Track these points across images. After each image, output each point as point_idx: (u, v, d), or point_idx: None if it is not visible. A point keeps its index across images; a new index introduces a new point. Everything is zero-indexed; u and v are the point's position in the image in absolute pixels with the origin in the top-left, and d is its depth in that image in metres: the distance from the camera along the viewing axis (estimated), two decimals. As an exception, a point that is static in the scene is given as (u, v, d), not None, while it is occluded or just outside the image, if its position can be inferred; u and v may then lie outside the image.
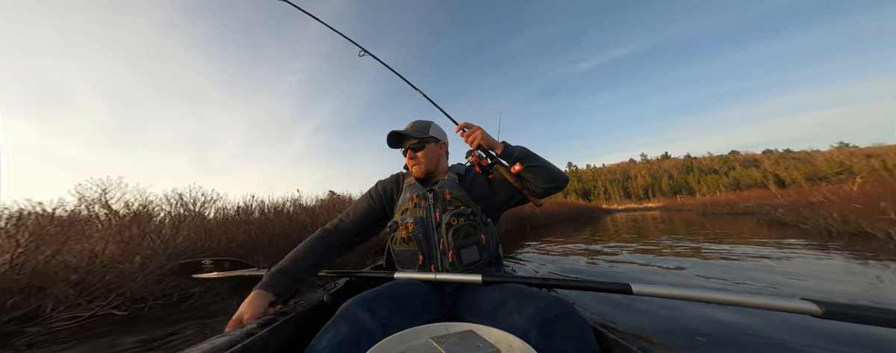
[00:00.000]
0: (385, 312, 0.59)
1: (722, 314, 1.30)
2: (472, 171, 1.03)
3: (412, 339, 0.45)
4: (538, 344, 0.47)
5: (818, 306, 0.49)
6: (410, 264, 0.85)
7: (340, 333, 0.54)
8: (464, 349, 0.38)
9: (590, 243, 4.25)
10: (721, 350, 1.04)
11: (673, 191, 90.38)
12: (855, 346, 1.02)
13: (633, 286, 0.60)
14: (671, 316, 1.33)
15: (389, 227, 0.92)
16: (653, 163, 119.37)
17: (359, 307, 0.58)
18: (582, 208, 16.22)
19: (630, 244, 3.98)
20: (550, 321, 0.52)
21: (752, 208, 8.68)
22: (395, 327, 0.52)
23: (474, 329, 0.45)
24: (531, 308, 0.55)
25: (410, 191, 0.94)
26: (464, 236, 0.81)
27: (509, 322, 0.55)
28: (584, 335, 0.52)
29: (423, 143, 0.97)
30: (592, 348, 0.52)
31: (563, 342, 0.50)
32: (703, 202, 14.93)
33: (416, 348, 0.44)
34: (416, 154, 0.97)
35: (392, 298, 0.64)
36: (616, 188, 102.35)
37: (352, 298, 0.62)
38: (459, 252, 0.80)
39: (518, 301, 0.59)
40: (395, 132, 0.97)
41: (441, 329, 0.46)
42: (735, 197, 14.17)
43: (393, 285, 0.71)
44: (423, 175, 0.98)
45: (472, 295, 0.73)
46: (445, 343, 0.40)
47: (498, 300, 0.63)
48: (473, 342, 0.41)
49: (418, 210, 0.87)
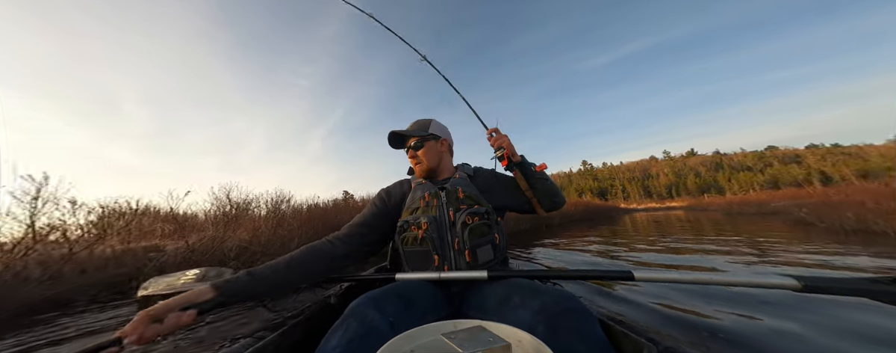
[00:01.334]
0: (393, 310, 0.59)
1: (722, 306, 1.32)
2: (481, 171, 1.03)
3: (422, 337, 0.45)
4: (546, 338, 0.46)
5: (797, 280, 0.52)
6: (424, 265, 0.82)
7: (350, 331, 0.54)
8: (475, 345, 0.39)
9: (608, 244, 4.17)
10: (722, 344, 1.04)
11: (700, 190, 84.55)
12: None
13: (635, 273, 0.61)
14: (673, 311, 1.34)
15: (399, 227, 0.88)
16: (677, 160, 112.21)
17: (367, 306, 0.58)
18: (598, 208, 15.73)
19: (647, 242, 3.97)
20: (557, 315, 0.52)
21: (781, 208, 8.25)
22: (404, 325, 0.52)
23: (483, 325, 0.45)
24: (537, 303, 0.55)
25: (421, 190, 0.91)
26: (479, 235, 0.80)
27: (516, 317, 0.55)
28: (591, 328, 0.52)
29: (423, 140, 0.96)
30: (600, 340, 0.51)
31: (571, 336, 0.49)
32: (730, 202, 14.07)
33: (426, 345, 0.44)
34: (417, 152, 0.96)
35: (399, 296, 0.64)
36: (635, 187, 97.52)
37: (359, 297, 0.62)
38: (476, 251, 0.79)
39: (523, 296, 0.58)
40: (394, 132, 0.96)
41: (450, 326, 0.46)
42: (766, 196, 13.50)
43: (399, 284, 0.71)
44: (425, 173, 0.96)
45: (479, 292, 0.72)
46: (456, 339, 0.40)
47: (504, 295, 0.63)
48: (484, 338, 0.41)
49: (431, 209, 0.84)
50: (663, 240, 4.11)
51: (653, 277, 0.63)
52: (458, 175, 0.96)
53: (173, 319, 0.56)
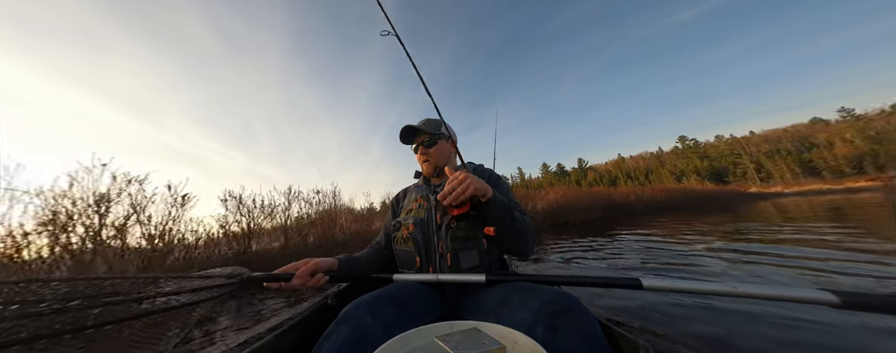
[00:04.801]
0: (387, 313, 0.59)
1: (727, 311, 1.24)
2: (483, 172, 1.00)
3: (417, 339, 0.45)
4: (545, 338, 0.47)
5: (836, 295, 0.47)
6: (408, 265, 0.85)
7: (343, 336, 0.54)
8: (469, 347, 0.38)
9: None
10: (723, 343, 1.02)
11: None
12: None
13: (643, 281, 0.58)
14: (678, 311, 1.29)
15: (393, 227, 0.92)
16: (872, 119, 71.50)
17: (361, 310, 0.58)
18: (708, 195, 11.83)
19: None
20: (556, 315, 0.52)
21: None
22: (398, 328, 0.52)
23: (479, 327, 0.44)
24: (536, 303, 0.55)
25: (415, 192, 0.95)
26: (463, 240, 0.78)
27: (514, 318, 0.55)
28: (591, 328, 0.52)
29: (436, 139, 0.96)
30: (599, 340, 0.51)
31: (570, 335, 0.49)
32: None
33: (420, 348, 0.43)
34: (428, 150, 0.96)
35: (393, 299, 0.64)
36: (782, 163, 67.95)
37: (353, 301, 0.62)
38: (458, 255, 0.77)
39: (522, 297, 0.58)
40: (410, 127, 0.96)
41: (445, 328, 0.46)
42: None
43: (394, 287, 0.71)
44: (433, 172, 0.98)
45: (476, 295, 0.72)
46: (450, 342, 0.40)
47: (502, 297, 0.62)
48: (479, 340, 0.41)
49: (420, 211, 0.87)
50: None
51: (664, 286, 0.57)
52: None
53: (318, 277, 0.75)
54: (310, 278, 0.74)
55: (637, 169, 78.08)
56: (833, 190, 27.90)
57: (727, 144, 78.20)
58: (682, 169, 73.91)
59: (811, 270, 1.89)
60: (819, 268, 1.92)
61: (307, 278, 0.74)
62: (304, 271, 0.74)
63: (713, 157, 76.03)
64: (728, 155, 74.49)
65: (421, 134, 0.98)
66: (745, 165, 70.19)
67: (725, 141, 79.32)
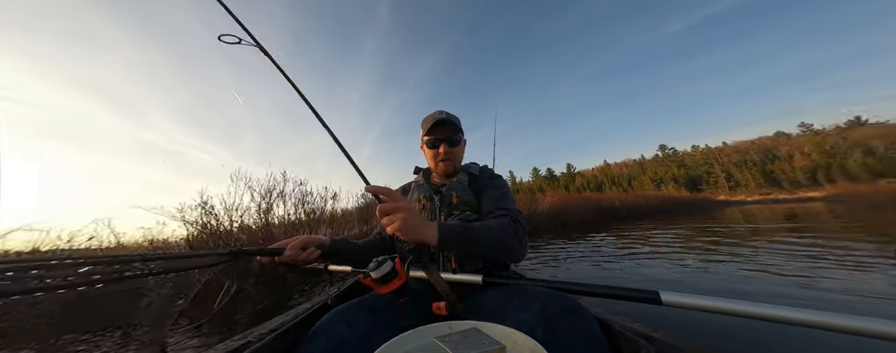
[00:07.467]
0: (364, 323, 0.57)
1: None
2: (486, 170, 0.96)
3: (415, 340, 0.44)
4: (545, 339, 0.45)
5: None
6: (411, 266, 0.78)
7: (318, 349, 0.53)
8: (469, 347, 0.38)
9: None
10: (727, 344, 0.97)
11: (873, 173, 56.55)
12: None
13: (662, 295, 0.51)
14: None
15: None
16: (828, 135, 77.37)
17: (336, 321, 0.57)
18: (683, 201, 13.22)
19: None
20: (556, 316, 0.51)
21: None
22: (377, 336, 0.48)
23: (479, 327, 0.44)
24: (536, 304, 0.54)
25: (418, 192, 0.90)
26: None
27: (515, 319, 0.53)
28: (591, 329, 0.51)
29: (461, 139, 0.92)
30: (599, 341, 0.51)
31: (570, 336, 0.49)
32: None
33: (419, 348, 0.43)
34: (452, 149, 0.90)
35: (371, 308, 0.62)
36: (749, 173, 73.72)
37: (328, 312, 0.61)
38: (462, 260, 0.77)
39: (523, 299, 0.57)
40: (443, 118, 0.87)
41: (445, 328, 0.46)
42: None
43: (374, 295, 0.67)
44: (448, 173, 0.92)
45: (477, 295, 0.70)
46: (450, 342, 0.39)
47: (502, 299, 0.62)
48: (478, 340, 0.40)
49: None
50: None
51: (688, 303, 0.49)
52: (457, 178, 0.92)
53: (310, 251, 0.75)
54: (301, 252, 0.74)
55: (621, 175, 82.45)
56: (787, 200, 30.73)
57: (703, 153, 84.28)
58: (661, 176, 78.89)
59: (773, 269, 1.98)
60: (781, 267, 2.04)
61: (299, 251, 0.73)
62: (295, 244, 0.73)
63: (690, 166, 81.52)
64: (702, 164, 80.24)
65: (454, 130, 0.90)
66: (717, 174, 75.83)
67: (701, 151, 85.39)
